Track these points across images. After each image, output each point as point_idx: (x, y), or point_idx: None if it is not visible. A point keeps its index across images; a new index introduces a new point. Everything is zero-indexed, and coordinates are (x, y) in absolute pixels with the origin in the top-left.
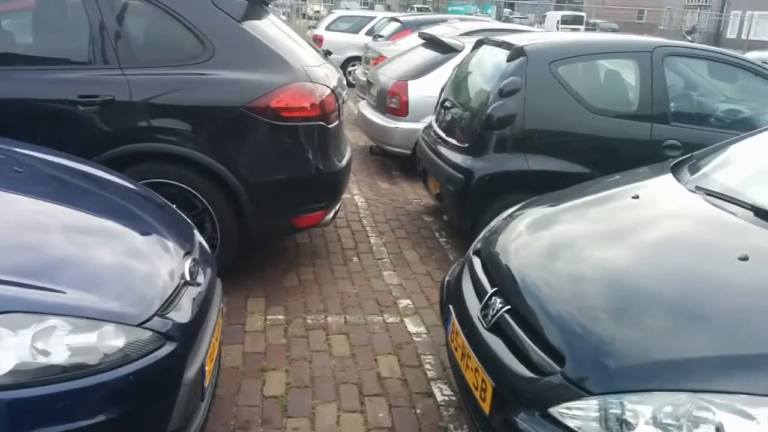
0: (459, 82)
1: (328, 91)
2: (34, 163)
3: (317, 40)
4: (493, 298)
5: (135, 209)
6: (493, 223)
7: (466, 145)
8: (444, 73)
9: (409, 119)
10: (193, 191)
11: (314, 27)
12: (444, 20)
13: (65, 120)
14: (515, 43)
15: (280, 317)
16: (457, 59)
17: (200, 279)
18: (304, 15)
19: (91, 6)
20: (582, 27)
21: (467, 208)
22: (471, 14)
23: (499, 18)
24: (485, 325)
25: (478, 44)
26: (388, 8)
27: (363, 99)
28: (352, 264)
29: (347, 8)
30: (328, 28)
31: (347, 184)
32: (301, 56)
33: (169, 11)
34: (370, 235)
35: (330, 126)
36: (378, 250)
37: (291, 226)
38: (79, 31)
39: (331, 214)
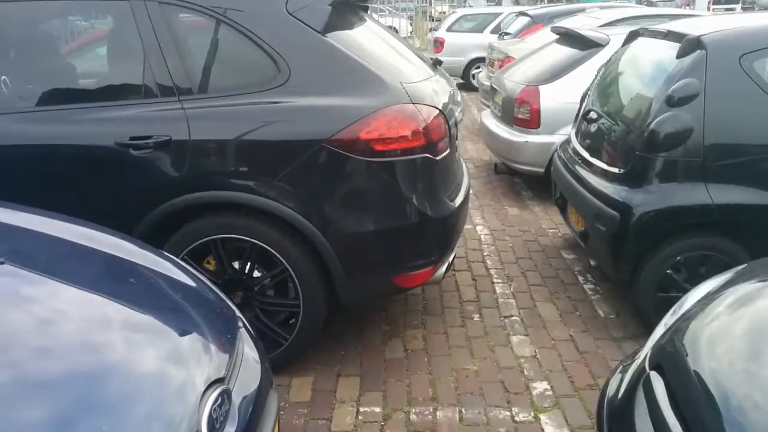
0: (607, 86)
1: (436, 112)
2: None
3: (438, 43)
4: None
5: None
6: (681, 310)
7: (621, 170)
8: (585, 75)
9: (542, 132)
10: (267, 248)
11: (435, 29)
12: (581, 10)
13: (109, 168)
14: (687, 32)
15: (377, 410)
16: (602, 57)
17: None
18: (430, 17)
19: (143, 24)
20: (737, 7)
21: (624, 256)
22: (610, 2)
23: (640, 3)
24: None
25: (631, 36)
26: (517, 3)
27: (487, 107)
28: (472, 324)
29: (471, 6)
30: (450, 29)
31: (463, 227)
32: (402, 70)
33: (233, 25)
34: (495, 281)
35: (438, 157)
36: (505, 304)
37: (391, 287)
38: (129, 57)
39: (443, 269)
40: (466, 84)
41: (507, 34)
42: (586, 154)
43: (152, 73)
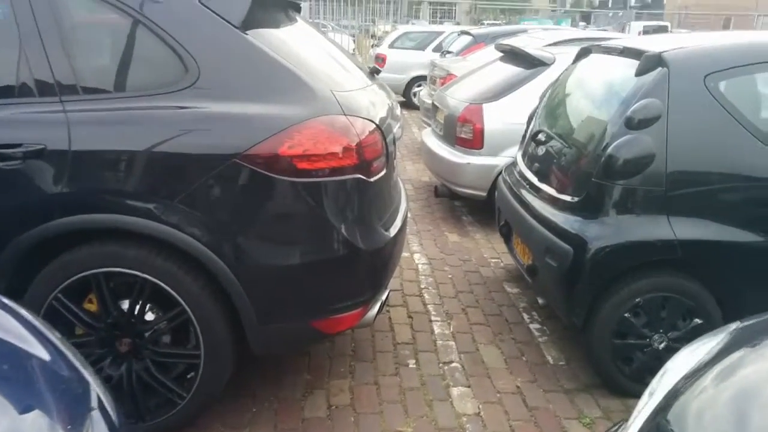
0: (557, 106)
1: (372, 126)
2: None
3: (380, 59)
4: None
5: None
6: (668, 380)
7: (574, 198)
8: (529, 94)
9: (485, 153)
10: (162, 285)
11: (377, 45)
12: (523, 31)
13: None
14: (646, 48)
15: None
16: (548, 76)
17: None
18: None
19: (20, 4)
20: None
21: (578, 296)
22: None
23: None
24: None
25: (582, 53)
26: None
27: (428, 125)
28: (407, 373)
29: (414, 24)
30: (392, 46)
31: (398, 260)
32: (335, 77)
33: (131, 13)
34: (433, 318)
35: (373, 179)
36: (444, 347)
37: (313, 333)
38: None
39: (375, 310)
40: (407, 102)
41: (449, 52)
42: (534, 179)
43: (28, 66)
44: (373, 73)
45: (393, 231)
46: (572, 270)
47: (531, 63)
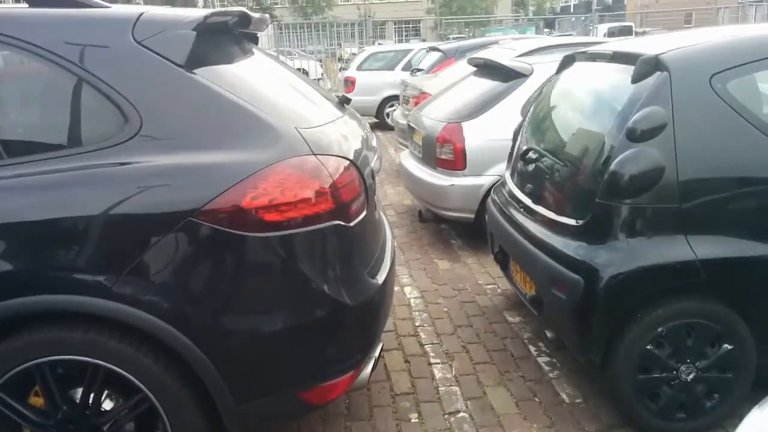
0: (544, 121)
1: (346, 163)
2: None
3: (349, 83)
4: None
5: None
6: None
7: (578, 222)
8: (510, 108)
9: (469, 173)
10: (118, 370)
11: (345, 68)
12: (494, 42)
13: None
14: (640, 51)
15: None
16: (527, 88)
17: None
18: (339, 59)
19: None
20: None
21: (593, 331)
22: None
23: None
24: None
25: (566, 62)
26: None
27: (405, 147)
28: (409, 430)
29: (380, 44)
30: (360, 68)
31: (390, 307)
32: (301, 113)
33: (58, 61)
34: (432, 360)
35: (353, 223)
36: (448, 394)
37: (302, 405)
38: None
39: (369, 368)
40: (381, 123)
41: (419, 70)
42: (528, 201)
43: None
44: (343, 102)
45: (381, 276)
46: (584, 302)
47: (507, 75)
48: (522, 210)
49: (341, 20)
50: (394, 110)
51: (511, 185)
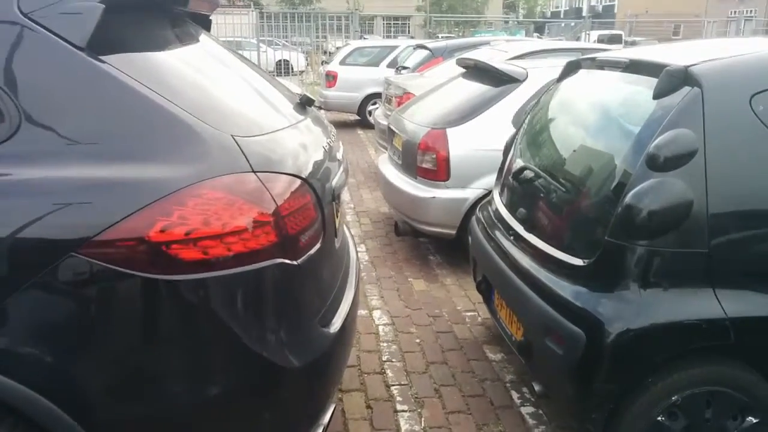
0: (541, 134)
1: (297, 183)
2: None
3: (331, 77)
4: None
5: None
6: None
7: (583, 261)
8: (500, 115)
9: (452, 185)
10: None
11: (327, 62)
12: (485, 43)
13: None
14: (665, 61)
15: None
16: (519, 94)
17: None
18: (324, 52)
19: None
20: (621, 46)
21: (593, 395)
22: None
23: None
24: None
25: (570, 69)
26: (412, 38)
27: (385, 149)
28: None
29: (366, 38)
30: (343, 63)
31: (348, 357)
32: (244, 115)
33: None
34: (399, 407)
35: (301, 260)
36: None
37: None
38: None
39: None
40: (363, 121)
41: (405, 68)
42: (519, 228)
43: None
44: (304, 103)
45: (338, 321)
46: (585, 361)
47: (499, 79)
48: (512, 237)
49: (329, 12)
50: (377, 108)
51: (500, 206)
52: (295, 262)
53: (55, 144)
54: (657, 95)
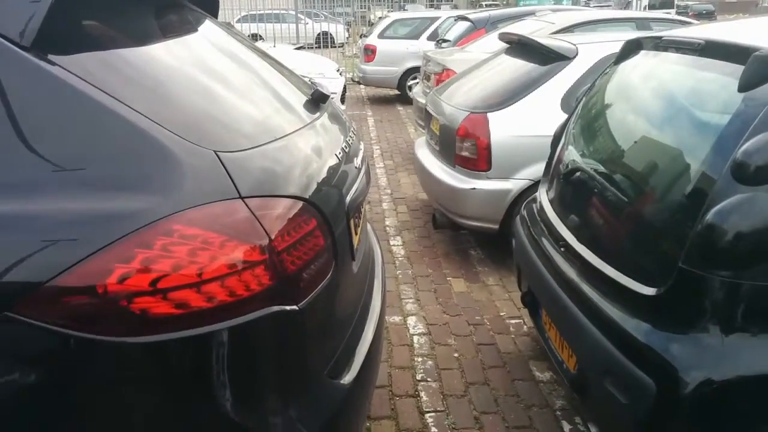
0: (596, 127)
1: (298, 207)
2: None
3: (369, 51)
4: None
5: None
6: None
7: (652, 291)
8: (547, 98)
9: (494, 175)
10: None
11: (366, 35)
12: (530, 13)
13: None
14: (754, 44)
15: None
16: (569, 73)
17: None
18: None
19: None
20: (673, 11)
21: None
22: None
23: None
24: None
25: (629, 50)
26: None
27: (424, 132)
28: None
29: (407, 10)
30: (382, 36)
31: (369, 405)
32: (235, 124)
33: None
34: None
35: (306, 301)
36: None
37: None
38: None
39: None
40: (402, 95)
41: (446, 41)
42: (571, 239)
43: None
44: (318, 100)
45: (354, 367)
46: (655, 417)
47: (546, 57)
48: (562, 248)
49: None
50: (417, 83)
51: (548, 208)
52: (296, 307)
53: None
54: (744, 86)
